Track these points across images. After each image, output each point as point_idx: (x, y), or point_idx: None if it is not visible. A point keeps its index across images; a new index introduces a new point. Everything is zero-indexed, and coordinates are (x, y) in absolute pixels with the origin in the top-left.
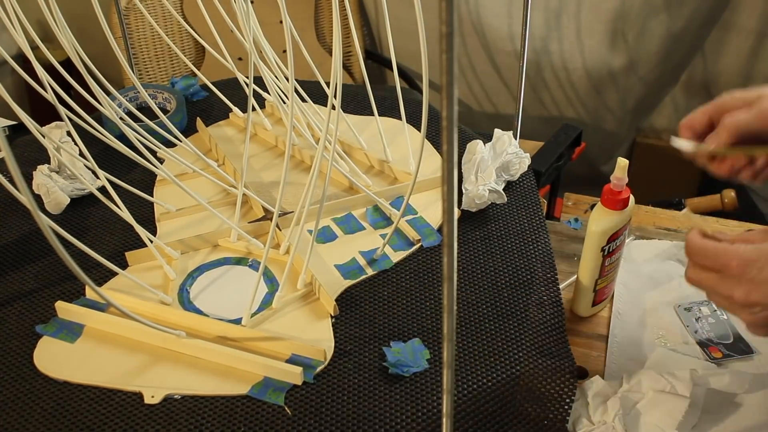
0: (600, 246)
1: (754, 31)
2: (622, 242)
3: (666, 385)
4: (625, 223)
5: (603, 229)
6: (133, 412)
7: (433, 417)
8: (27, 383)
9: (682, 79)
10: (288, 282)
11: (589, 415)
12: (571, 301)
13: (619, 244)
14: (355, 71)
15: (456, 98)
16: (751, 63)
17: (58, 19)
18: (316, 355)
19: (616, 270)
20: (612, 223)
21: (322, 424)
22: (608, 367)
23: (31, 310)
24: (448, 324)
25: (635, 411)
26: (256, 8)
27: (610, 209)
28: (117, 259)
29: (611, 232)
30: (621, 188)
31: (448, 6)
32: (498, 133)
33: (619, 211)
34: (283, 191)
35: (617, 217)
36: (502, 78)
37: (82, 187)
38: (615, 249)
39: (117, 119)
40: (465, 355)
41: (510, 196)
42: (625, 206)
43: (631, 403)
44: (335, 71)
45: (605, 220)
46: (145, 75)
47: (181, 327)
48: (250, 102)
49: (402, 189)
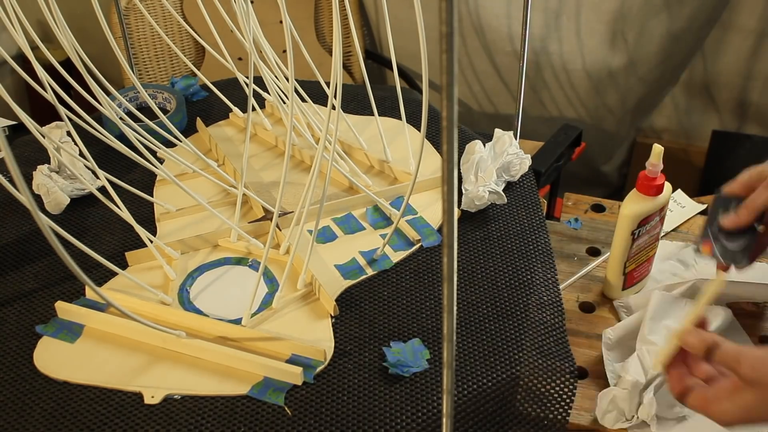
0: (630, 229)
1: (754, 30)
2: (655, 228)
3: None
4: (656, 210)
5: (634, 213)
6: (133, 412)
7: (433, 417)
8: (27, 383)
9: (682, 79)
10: (288, 282)
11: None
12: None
13: (649, 228)
14: (355, 71)
15: (456, 98)
16: (751, 63)
17: (58, 19)
18: (316, 355)
19: (648, 255)
20: (644, 208)
21: (322, 424)
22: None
23: (31, 310)
24: (448, 324)
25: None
26: (256, 8)
27: (644, 194)
28: (117, 259)
29: (642, 217)
30: (656, 174)
31: (448, 6)
32: (498, 133)
33: (652, 197)
34: (283, 191)
35: (650, 202)
36: (502, 78)
37: (82, 187)
38: (644, 233)
39: (117, 119)
40: (465, 355)
41: (510, 196)
42: (659, 192)
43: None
44: (335, 71)
45: (638, 205)
46: (145, 75)
47: (181, 327)
48: (250, 102)
49: (402, 189)
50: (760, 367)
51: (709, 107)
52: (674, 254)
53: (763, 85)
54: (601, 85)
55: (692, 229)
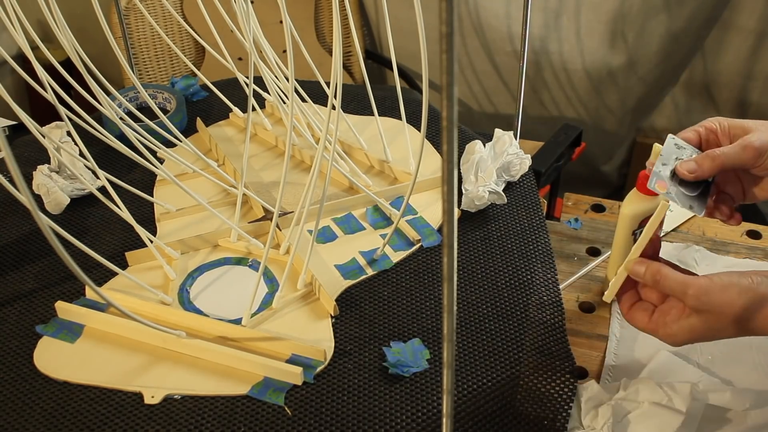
0: (631, 229)
1: (754, 30)
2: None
3: (663, 397)
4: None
5: (634, 213)
6: (133, 412)
7: (433, 417)
8: (27, 383)
9: (682, 79)
10: (288, 282)
11: (580, 419)
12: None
13: None
14: (355, 71)
15: (456, 98)
16: (751, 63)
17: (58, 19)
18: (316, 355)
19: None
20: (644, 207)
21: (322, 424)
22: (606, 368)
23: (31, 310)
24: (448, 324)
25: (626, 420)
26: (256, 8)
27: (644, 194)
28: (117, 259)
29: (642, 217)
30: None
31: (448, 6)
32: (498, 133)
33: (652, 197)
34: (283, 191)
35: (650, 202)
36: (502, 78)
37: (82, 187)
38: None
39: (117, 119)
40: (465, 355)
41: (510, 196)
42: None
43: (624, 412)
44: (335, 71)
45: (638, 205)
46: (145, 75)
47: (181, 327)
48: (250, 102)
49: (402, 189)
50: (703, 296)
51: (709, 107)
52: (674, 254)
53: (763, 85)
54: (601, 85)
55: (692, 230)
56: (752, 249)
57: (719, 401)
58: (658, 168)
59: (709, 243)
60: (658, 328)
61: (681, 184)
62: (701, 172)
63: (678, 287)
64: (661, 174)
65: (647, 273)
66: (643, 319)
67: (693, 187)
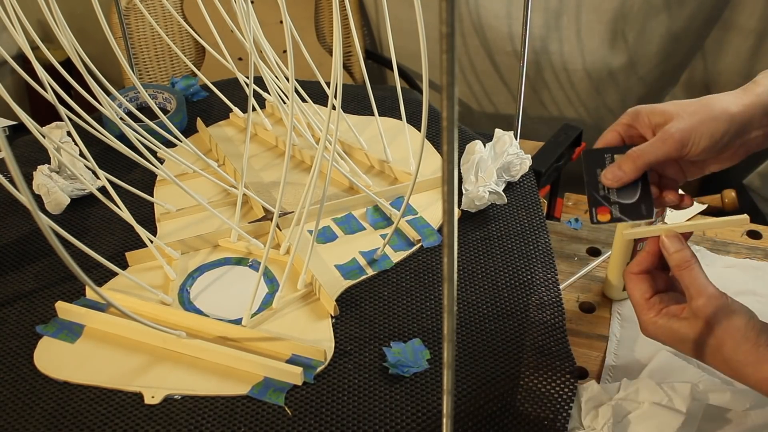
0: None
1: (754, 30)
2: None
3: (663, 398)
4: None
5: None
6: (133, 412)
7: (433, 417)
8: (27, 383)
9: (683, 79)
10: (288, 282)
11: (580, 419)
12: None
13: None
14: (355, 71)
15: (456, 98)
16: (751, 63)
17: (58, 19)
18: (316, 356)
19: None
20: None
21: (322, 425)
22: (607, 368)
23: (31, 310)
24: (449, 324)
25: (626, 421)
26: (256, 8)
27: None
28: (117, 259)
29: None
30: None
31: (448, 6)
32: (498, 133)
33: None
34: (283, 191)
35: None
36: (502, 78)
37: (82, 187)
38: None
39: (117, 119)
40: (465, 355)
41: (510, 196)
42: None
43: (624, 412)
44: (335, 71)
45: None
46: (145, 75)
47: (181, 327)
48: (250, 102)
49: (402, 189)
50: (709, 306)
51: None
52: None
53: None
54: (601, 85)
55: None
56: (752, 249)
57: (719, 401)
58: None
59: (709, 243)
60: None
61: (618, 192)
62: (626, 176)
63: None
64: (597, 198)
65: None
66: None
67: (630, 190)
